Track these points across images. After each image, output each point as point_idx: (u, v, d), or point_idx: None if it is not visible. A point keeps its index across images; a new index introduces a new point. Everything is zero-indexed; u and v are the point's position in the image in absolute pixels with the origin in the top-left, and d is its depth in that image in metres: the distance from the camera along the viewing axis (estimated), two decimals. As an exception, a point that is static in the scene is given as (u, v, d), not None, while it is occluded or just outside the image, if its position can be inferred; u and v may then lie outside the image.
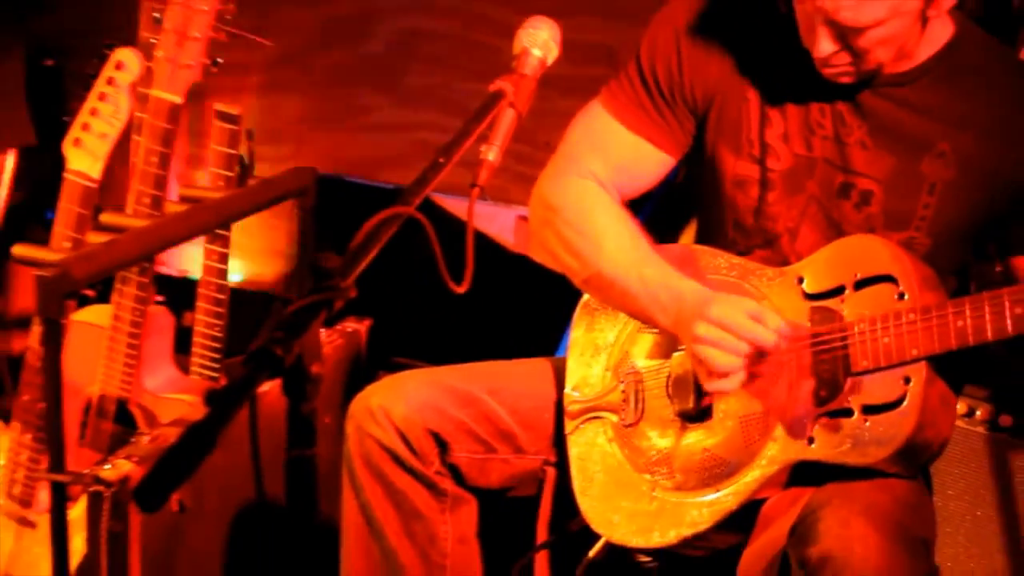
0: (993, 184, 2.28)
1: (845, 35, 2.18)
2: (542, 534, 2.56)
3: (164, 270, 2.78)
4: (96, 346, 2.70)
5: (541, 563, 2.58)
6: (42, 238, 2.65)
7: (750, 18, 2.39)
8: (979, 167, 2.28)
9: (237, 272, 4.35)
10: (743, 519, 2.31)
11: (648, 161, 2.47)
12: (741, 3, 2.42)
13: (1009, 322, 2.09)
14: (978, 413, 2.81)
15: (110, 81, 2.62)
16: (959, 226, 2.32)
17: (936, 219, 2.30)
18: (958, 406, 2.63)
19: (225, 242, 2.88)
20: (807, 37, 2.23)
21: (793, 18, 2.25)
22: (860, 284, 2.25)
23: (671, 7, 2.44)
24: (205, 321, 2.88)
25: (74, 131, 2.63)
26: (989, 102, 2.29)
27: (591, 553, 2.47)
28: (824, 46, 2.20)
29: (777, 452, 2.26)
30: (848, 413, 2.21)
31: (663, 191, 2.62)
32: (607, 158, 2.45)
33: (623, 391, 2.46)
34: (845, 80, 2.27)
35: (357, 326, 3.09)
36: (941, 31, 2.29)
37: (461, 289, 1.92)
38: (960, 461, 2.77)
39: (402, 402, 2.42)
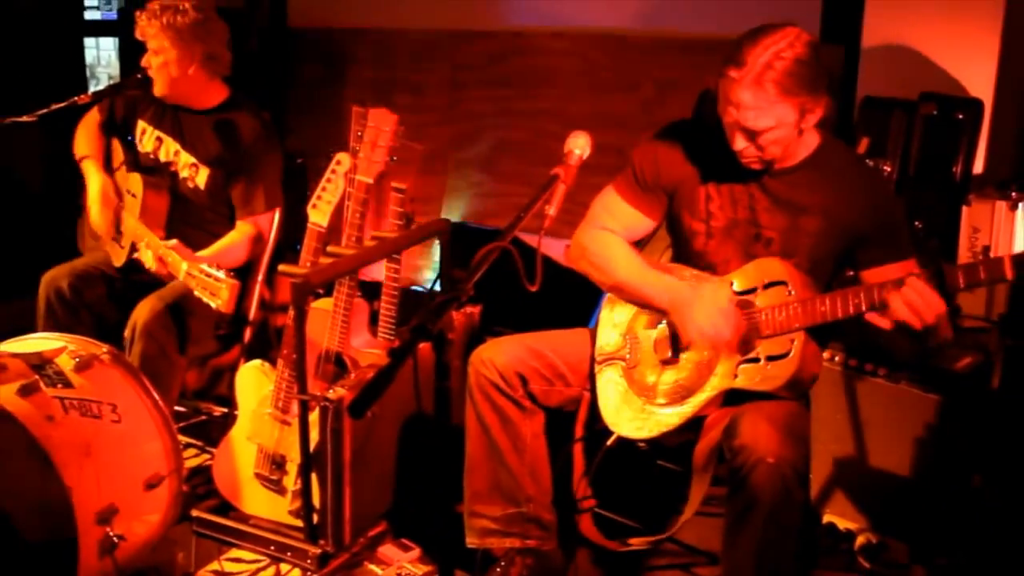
0: (843, 231, 2.27)
1: (752, 136, 2.18)
2: (579, 432, 2.55)
3: (363, 277, 2.79)
4: (324, 321, 2.71)
5: (579, 449, 2.58)
6: (293, 260, 2.69)
7: (697, 136, 2.39)
8: (835, 222, 2.26)
9: (405, 278, 4.38)
10: (695, 425, 2.32)
11: (641, 223, 2.47)
12: (691, 130, 2.43)
13: (851, 308, 2.11)
14: (836, 358, 2.79)
15: (333, 171, 2.68)
16: (825, 255, 2.30)
17: (810, 252, 2.29)
18: (824, 354, 2.62)
19: (398, 261, 2.89)
20: (729, 138, 2.23)
21: (723, 131, 2.24)
22: (767, 286, 2.25)
23: (651, 136, 2.44)
24: (386, 307, 2.89)
25: (313, 199, 2.68)
26: (841, 183, 2.27)
27: (608, 442, 2.48)
28: (739, 143, 2.21)
29: (717, 383, 2.27)
30: (758, 360, 2.22)
31: (650, 237, 2.62)
32: (617, 220, 2.45)
33: (629, 348, 2.46)
34: (755, 167, 2.27)
35: (473, 310, 3.10)
36: (812, 140, 2.29)
37: (534, 288, 1.96)
38: (826, 386, 2.76)
39: (500, 355, 2.44)
